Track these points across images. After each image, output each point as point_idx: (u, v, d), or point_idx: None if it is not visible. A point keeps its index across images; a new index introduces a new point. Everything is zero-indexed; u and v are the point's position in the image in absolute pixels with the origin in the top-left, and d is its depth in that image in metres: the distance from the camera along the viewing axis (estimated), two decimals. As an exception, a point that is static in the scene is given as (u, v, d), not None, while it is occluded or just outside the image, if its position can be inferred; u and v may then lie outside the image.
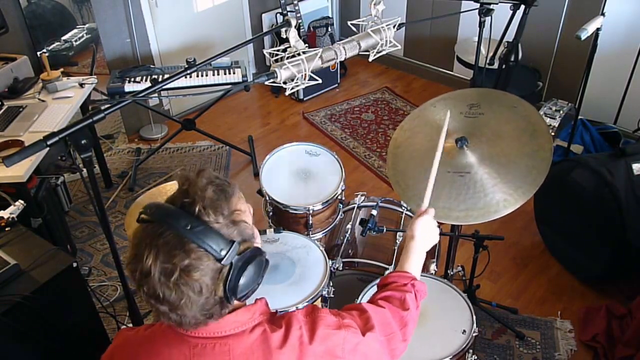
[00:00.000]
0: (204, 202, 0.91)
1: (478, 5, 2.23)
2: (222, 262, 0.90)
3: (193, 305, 0.90)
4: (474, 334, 1.62)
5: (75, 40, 3.48)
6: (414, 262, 1.31)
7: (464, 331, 1.63)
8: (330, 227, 2.25)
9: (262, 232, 1.97)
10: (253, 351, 0.96)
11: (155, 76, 3.34)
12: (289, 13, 4.09)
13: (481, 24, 2.30)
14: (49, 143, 1.23)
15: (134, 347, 1.03)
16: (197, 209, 0.90)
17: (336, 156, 2.30)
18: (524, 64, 3.74)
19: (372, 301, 1.21)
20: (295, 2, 4.07)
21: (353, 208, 2.35)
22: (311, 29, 4.54)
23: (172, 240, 0.88)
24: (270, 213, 2.21)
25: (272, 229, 2.03)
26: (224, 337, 0.96)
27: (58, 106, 2.72)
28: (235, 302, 0.98)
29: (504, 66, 2.55)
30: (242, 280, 0.92)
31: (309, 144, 2.36)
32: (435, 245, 2.22)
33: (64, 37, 3.43)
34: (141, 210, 0.93)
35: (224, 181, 0.97)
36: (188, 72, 1.53)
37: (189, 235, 0.88)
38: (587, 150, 3.22)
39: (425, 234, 1.34)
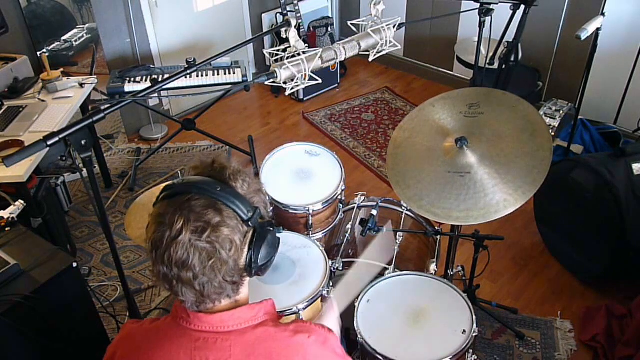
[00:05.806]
0: (232, 170, 1.00)
1: (478, 5, 2.24)
2: (250, 224, 0.96)
3: (223, 267, 0.93)
4: (474, 334, 1.62)
5: (75, 40, 3.48)
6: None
7: (464, 331, 1.63)
8: (330, 227, 2.25)
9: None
10: (255, 349, 0.97)
11: (155, 76, 3.34)
12: (289, 13, 4.08)
13: (481, 24, 2.30)
14: (49, 143, 1.23)
15: (137, 340, 1.05)
16: (227, 174, 0.99)
17: (336, 156, 2.30)
18: (524, 64, 3.74)
19: None
20: (295, 2, 4.07)
21: (353, 208, 2.35)
22: (311, 29, 4.55)
23: (202, 203, 0.93)
24: (270, 213, 2.20)
25: (272, 229, 2.03)
26: (226, 332, 0.97)
27: (58, 106, 2.72)
28: (241, 295, 1.01)
29: (504, 66, 2.55)
30: (262, 248, 0.97)
31: (309, 144, 2.36)
32: (435, 244, 2.25)
33: (64, 37, 3.43)
34: (163, 188, 0.98)
35: None
36: (188, 72, 1.53)
37: (219, 197, 0.94)
38: (587, 150, 3.21)
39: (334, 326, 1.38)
